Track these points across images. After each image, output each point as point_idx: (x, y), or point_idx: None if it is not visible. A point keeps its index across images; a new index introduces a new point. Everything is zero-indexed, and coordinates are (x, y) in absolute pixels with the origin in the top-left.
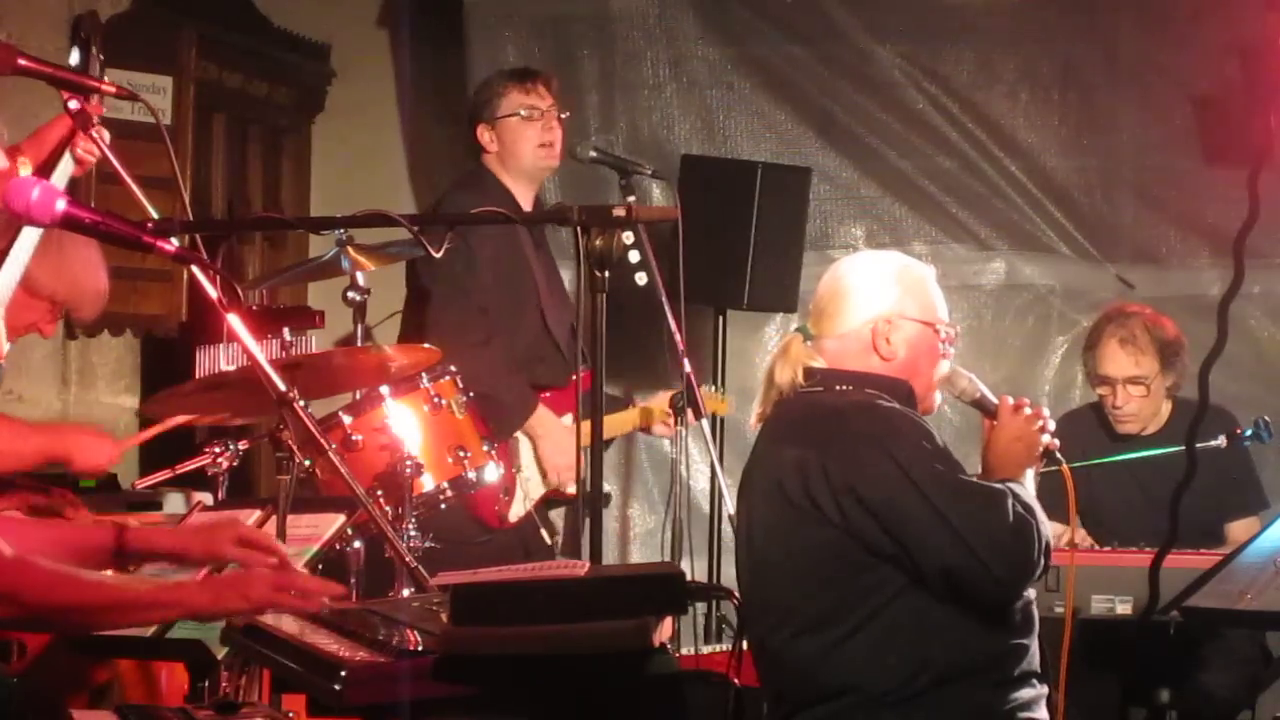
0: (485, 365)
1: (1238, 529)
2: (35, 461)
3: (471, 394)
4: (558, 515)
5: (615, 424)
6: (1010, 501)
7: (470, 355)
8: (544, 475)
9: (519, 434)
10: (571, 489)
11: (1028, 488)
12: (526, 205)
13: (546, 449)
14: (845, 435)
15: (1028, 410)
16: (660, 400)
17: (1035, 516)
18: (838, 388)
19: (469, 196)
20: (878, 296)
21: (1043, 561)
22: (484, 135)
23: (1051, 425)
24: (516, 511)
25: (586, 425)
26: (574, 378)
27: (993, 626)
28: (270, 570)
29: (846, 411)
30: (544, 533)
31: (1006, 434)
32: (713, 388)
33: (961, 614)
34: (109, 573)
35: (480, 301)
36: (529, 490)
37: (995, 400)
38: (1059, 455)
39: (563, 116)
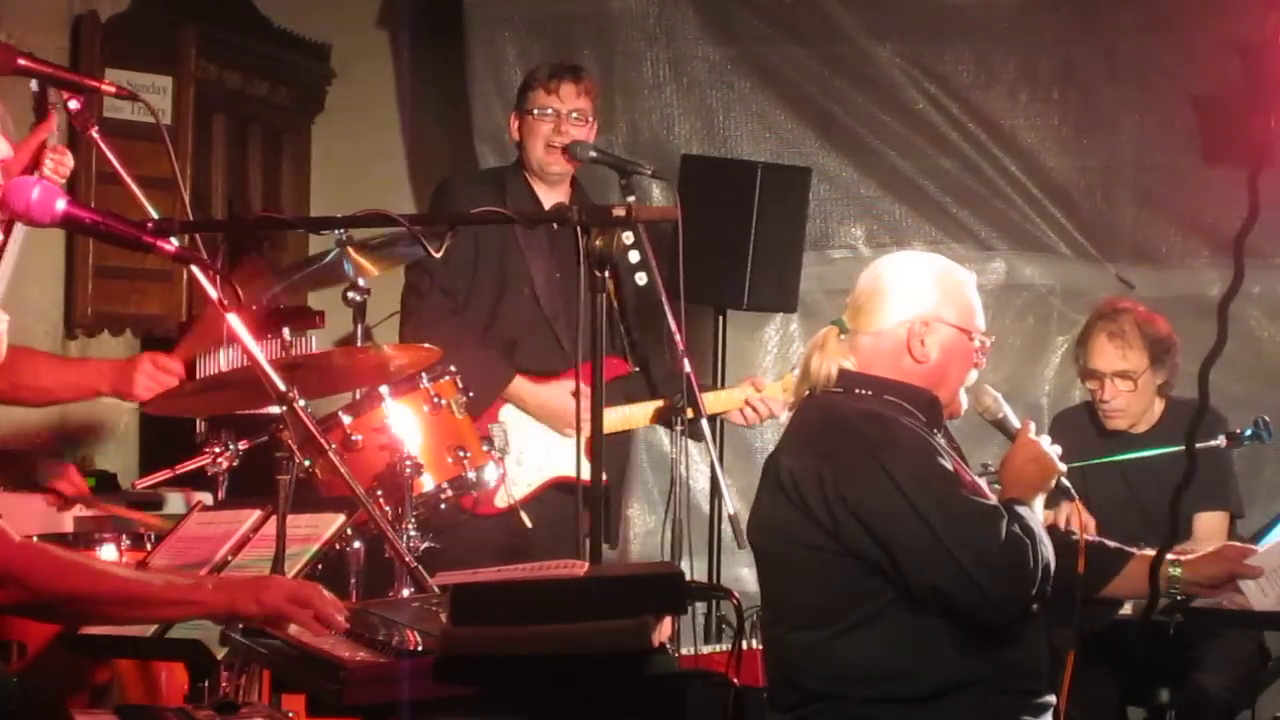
0: (444, 342)
1: (1204, 520)
2: (90, 391)
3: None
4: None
5: (639, 415)
6: (1005, 521)
7: (427, 335)
8: (560, 432)
9: (503, 419)
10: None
11: (1035, 512)
12: (548, 202)
13: (534, 406)
14: (845, 444)
15: (1047, 442)
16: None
17: (1033, 539)
18: (857, 391)
19: (472, 187)
20: (917, 297)
21: (1039, 584)
22: (513, 124)
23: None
24: (502, 499)
25: (615, 414)
26: (592, 363)
27: (992, 640)
28: (288, 580)
29: (851, 420)
30: (524, 517)
31: (1023, 455)
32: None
33: (959, 626)
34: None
35: (443, 283)
36: (518, 475)
37: (1017, 423)
38: (1073, 491)
39: (574, 117)
